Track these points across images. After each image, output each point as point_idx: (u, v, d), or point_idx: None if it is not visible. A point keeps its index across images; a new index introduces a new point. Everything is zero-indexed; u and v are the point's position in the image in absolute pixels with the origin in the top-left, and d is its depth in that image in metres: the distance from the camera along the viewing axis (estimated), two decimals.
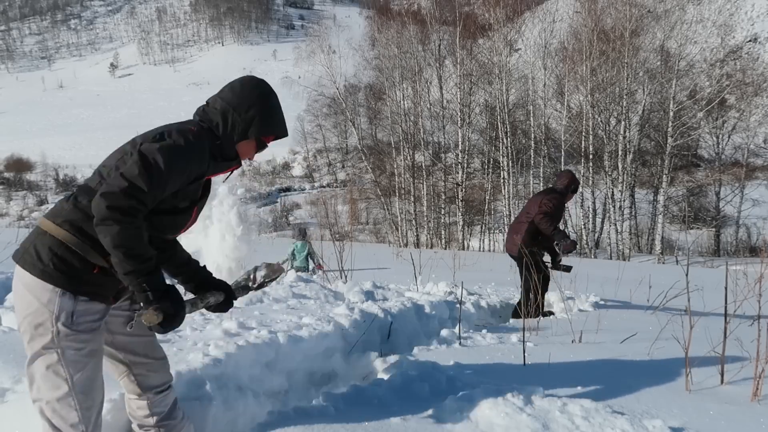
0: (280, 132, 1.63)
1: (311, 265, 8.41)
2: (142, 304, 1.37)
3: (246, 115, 1.54)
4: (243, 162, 1.65)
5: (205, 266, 1.73)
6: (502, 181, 20.42)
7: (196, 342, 2.40)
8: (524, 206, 4.84)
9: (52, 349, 1.36)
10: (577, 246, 4.42)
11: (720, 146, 22.75)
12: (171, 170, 1.38)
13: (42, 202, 48.06)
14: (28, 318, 1.37)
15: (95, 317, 1.42)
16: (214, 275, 1.75)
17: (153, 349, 1.61)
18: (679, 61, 18.01)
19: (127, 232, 1.30)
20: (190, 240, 5.51)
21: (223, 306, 1.71)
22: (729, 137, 22.83)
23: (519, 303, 4.42)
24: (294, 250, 8.52)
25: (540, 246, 4.49)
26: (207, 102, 1.61)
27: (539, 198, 4.55)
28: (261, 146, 1.63)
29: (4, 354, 2.08)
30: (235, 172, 1.71)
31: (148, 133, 1.51)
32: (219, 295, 1.68)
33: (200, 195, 1.57)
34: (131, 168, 1.34)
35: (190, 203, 1.53)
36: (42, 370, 1.37)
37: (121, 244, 1.30)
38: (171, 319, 1.37)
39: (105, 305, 1.46)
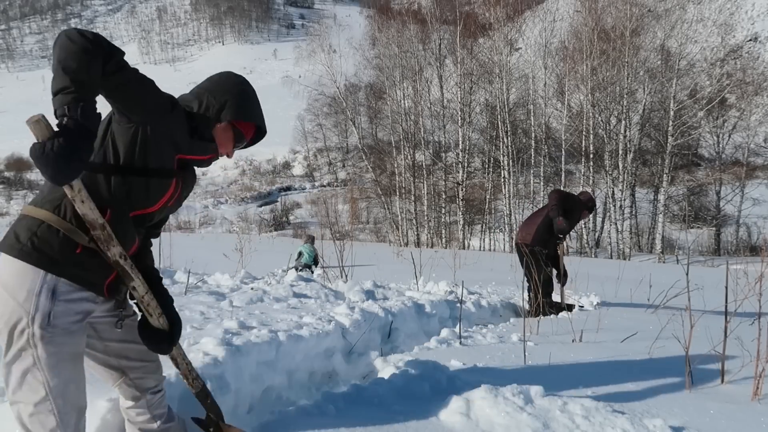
0: (255, 119, 1.58)
1: (318, 262, 9.57)
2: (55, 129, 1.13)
3: (221, 97, 1.52)
4: (225, 155, 1.60)
5: (166, 290, 1.57)
6: (502, 180, 20.41)
7: (197, 341, 2.40)
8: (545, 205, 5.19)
9: (27, 351, 1.29)
10: (570, 231, 4.70)
11: (720, 145, 22.73)
12: (146, 88, 1.32)
13: None
14: (4, 318, 1.29)
15: (75, 318, 1.34)
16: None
17: (147, 353, 1.53)
18: (679, 61, 17.99)
19: (74, 47, 1.16)
20: None
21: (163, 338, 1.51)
22: (729, 136, 22.80)
23: (530, 302, 4.57)
24: (302, 251, 9.84)
25: (551, 240, 4.70)
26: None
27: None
28: (238, 136, 1.58)
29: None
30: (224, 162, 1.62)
31: None
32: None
33: (177, 175, 1.47)
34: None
35: (164, 171, 1.42)
36: (18, 373, 1.30)
37: (64, 57, 1.16)
38: (70, 140, 1.12)
39: (94, 294, 1.37)
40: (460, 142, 20.52)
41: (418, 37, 22.33)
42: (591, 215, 4.79)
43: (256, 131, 1.65)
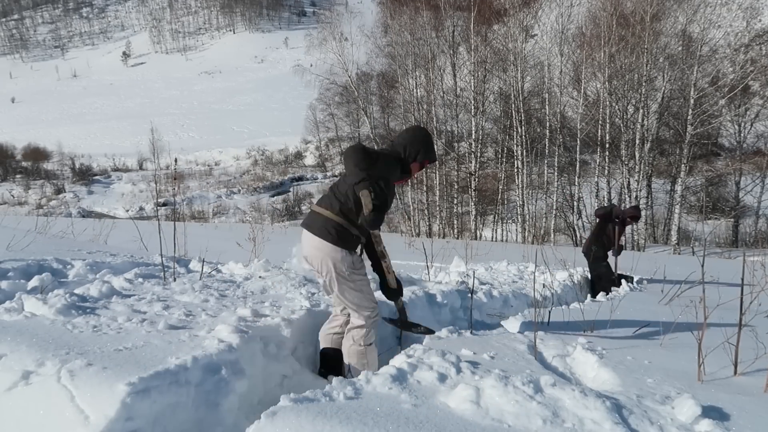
0: (434, 158, 2.77)
1: None
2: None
3: (417, 147, 2.70)
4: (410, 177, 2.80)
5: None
6: (515, 170, 20.21)
7: (212, 328, 2.45)
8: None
9: (350, 282, 2.55)
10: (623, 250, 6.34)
11: (742, 134, 22.14)
12: (390, 187, 2.58)
13: (59, 191, 48.77)
14: (331, 272, 2.52)
15: (361, 261, 2.63)
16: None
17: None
18: (701, 46, 17.48)
19: (381, 216, 2.46)
20: None
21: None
22: (752, 125, 22.19)
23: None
24: None
25: (600, 244, 6.14)
26: (392, 141, 2.77)
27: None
28: (422, 167, 2.78)
29: (27, 338, 2.16)
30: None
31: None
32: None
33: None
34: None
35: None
36: (351, 292, 2.57)
37: (378, 218, 2.44)
38: (381, 207, 2.44)
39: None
40: (473, 132, 20.33)
41: (431, 24, 22.03)
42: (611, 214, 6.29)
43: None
